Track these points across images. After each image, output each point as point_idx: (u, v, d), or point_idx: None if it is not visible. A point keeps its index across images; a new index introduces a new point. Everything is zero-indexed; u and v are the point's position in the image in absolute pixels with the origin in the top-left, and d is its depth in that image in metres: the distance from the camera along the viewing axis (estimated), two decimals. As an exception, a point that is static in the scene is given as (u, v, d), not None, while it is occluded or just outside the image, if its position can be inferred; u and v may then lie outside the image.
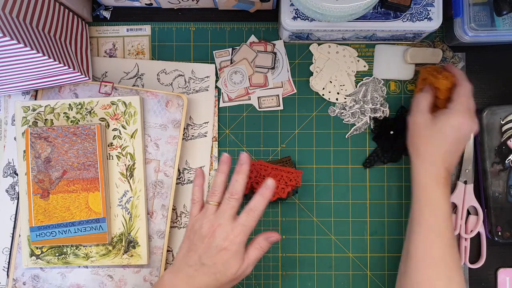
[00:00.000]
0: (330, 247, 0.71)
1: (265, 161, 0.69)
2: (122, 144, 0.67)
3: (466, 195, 0.71)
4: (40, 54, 0.57)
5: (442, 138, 0.61)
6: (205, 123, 0.71)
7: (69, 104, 0.67)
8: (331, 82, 0.72)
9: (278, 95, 0.72)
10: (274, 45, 0.72)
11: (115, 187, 0.67)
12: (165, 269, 0.69)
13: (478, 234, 0.71)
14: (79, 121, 0.67)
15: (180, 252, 0.59)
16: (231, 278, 0.56)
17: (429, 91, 0.65)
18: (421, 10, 0.63)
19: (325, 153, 0.72)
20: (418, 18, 0.63)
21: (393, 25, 0.63)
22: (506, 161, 0.69)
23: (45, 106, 0.67)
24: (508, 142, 0.69)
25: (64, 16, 0.65)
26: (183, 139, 0.70)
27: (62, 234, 0.65)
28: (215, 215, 0.58)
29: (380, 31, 0.65)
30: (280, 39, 0.72)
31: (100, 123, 0.67)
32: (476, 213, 0.71)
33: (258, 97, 0.72)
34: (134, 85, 0.71)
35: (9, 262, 0.69)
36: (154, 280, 0.68)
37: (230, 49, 0.72)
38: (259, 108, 0.72)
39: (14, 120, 0.70)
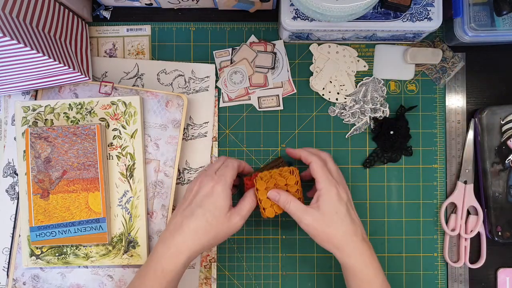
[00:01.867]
0: (330, 247, 0.71)
1: (257, 171, 0.66)
2: (122, 144, 0.67)
3: (466, 195, 0.71)
4: (40, 54, 0.57)
5: (340, 218, 0.59)
6: (205, 123, 0.71)
7: (69, 104, 0.67)
8: (331, 82, 0.72)
9: (278, 95, 0.72)
10: (274, 45, 0.72)
11: (115, 187, 0.67)
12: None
13: (478, 234, 0.71)
14: (79, 121, 0.67)
15: (176, 207, 0.63)
16: (221, 221, 0.59)
17: (285, 193, 0.61)
18: (421, 10, 0.63)
19: (325, 153, 0.72)
20: (418, 18, 0.63)
21: (393, 25, 0.63)
22: (506, 161, 0.69)
23: (45, 106, 0.67)
24: (508, 142, 0.69)
25: (64, 16, 0.65)
26: (183, 139, 0.70)
27: (62, 234, 0.65)
28: (201, 174, 0.63)
29: (380, 31, 0.65)
30: (280, 39, 0.72)
31: (100, 123, 0.67)
32: (476, 213, 0.71)
33: (258, 97, 0.72)
34: (134, 85, 0.71)
35: (9, 262, 0.69)
36: (154, 280, 0.68)
37: (230, 49, 0.72)
38: (259, 108, 0.72)
39: (14, 120, 0.70)
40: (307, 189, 0.69)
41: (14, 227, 0.69)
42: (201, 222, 0.58)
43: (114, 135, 0.67)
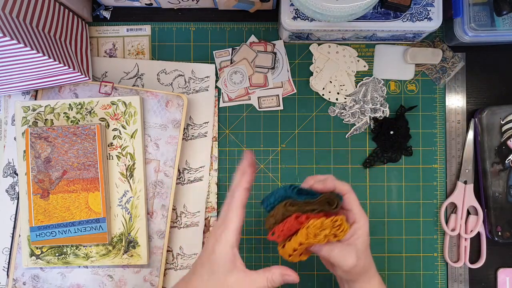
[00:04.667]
0: (330, 247, 0.71)
1: (303, 204, 0.52)
2: (122, 144, 0.67)
3: (466, 195, 0.71)
4: (40, 54, 0.57)
5: (368, 251, 0.56)
6: (205, 123, 0.71)
7: (69, 104, 0.67)
8: (331, 82, 0.72)
9: (278, 95, 0.72)
10: (274, 45, 0.72)
11: (115, 187, 0.67)
12: (165, 270, 0.69)
13: (478, 234, 0.71)
14: (79, 121, 0.67)
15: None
16: (221, 280, 0.50)
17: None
18: (421, 10, 0.63)
19: (325, 153, 0.72)
20: (418, 18, 0.63)
21: (393, 25, 0.63)
22: (506, 161, 0.69)
23: (45, 106, 0.67)
24: (508, 142, 0.69)
25: (64, 16, 0.65)
26: (183, 139, 0.70)
27: (62, 234, 0.65)
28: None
29: (380, 31, 0.65)
30: (280, 39, 0.72)
31: (100, 123, 0.67)
32: (476, 213, 0.71)
33: (258, 97, 0.72)
34: (134, 85, 0.71)
35: (9, 262, 0.69)
36: (154, 280, 0.68)
37: (230, 49, 0.72)
38: (259, 108, 0.72)
39: (14, 120, 0.70)
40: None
41: (14, 227, 0.69)
42: (201, 282, 0.51)
43: (114, 135, 0.67)
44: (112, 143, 0.67)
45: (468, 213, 0.71)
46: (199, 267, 0.51)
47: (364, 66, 0.72)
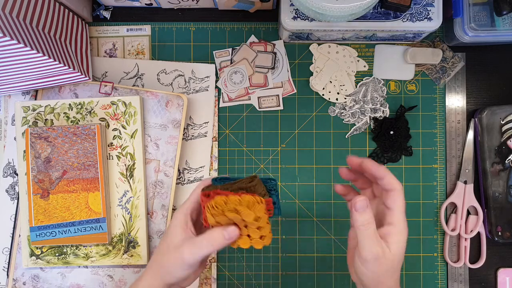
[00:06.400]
0: (330, 247, 0.71)
1: (221, 188, 0.49)
2: (122, 144, 0.67)
3: (466, 195, 0.71)
4: (40, 54, 0.57)
5: (400, 266, 0.50)
6: (205, 123, 0.71)
7: (69, 104, 0.67)
8: (331, 82, 0.72)
9: (278, 95, 0.72)
10: (274, 45, 0.72)
11: (115, 187, 0.67)
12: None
13: (478, 234, 0.71)
14: (79, 121, 0.67)
15: None
16: (172, 254, 0.50)
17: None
18: (421, 10, 0.63)
19: (325, 153, 0.72)
20: (418, 18, 0.63)
21: (393, 25, 0.63)
22: (506, 161, 0.69)
23: (45, 106, 0.67)
24: (508, 142, 0.69)
25: (64, 16, 0.65)
26: (183, 139, 0.70)
27: (62, 234, 0.65)
28: None
29: (380, 31, 0.65)
30: (280, 39, 0.72)
31: (100, 123, 0.67)
32: (476, 213, 0.71)
33: (258, 97, 0.72)
34: (134, 85, 0.71)
35: (9, 262, 0.69)
36: (154, 280, 0.68)
37: (230, 49, 0.72)
38: (259, 108, 0.72)
39: (14, 120, 0.70)
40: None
41: (14, 227, 0.69)
42: (156, 256, 0.53)
43: (114, 135, 0.67)
44: (112, 143, 0.67)
45: (468, 213, 0.71)
46: (156, 251, 0.53)
47: (364, 66, 0.72)
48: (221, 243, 0.49)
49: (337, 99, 0.72)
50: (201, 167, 0.71)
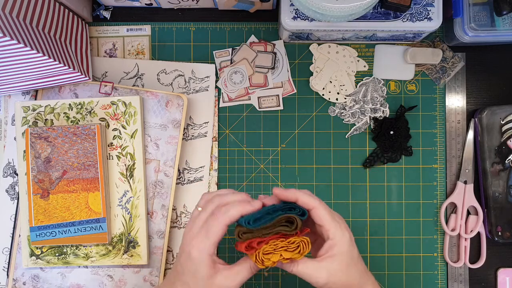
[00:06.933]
0: (330, 247, 0.71)
1: (260, 234, 0.49)
2: (122, 144, 0.67)
3: (466, 195, 0.71)
4: (40, 54, 0.57)
5: (354, 262, 0.52)
6: (205, 123, 0.71)
7: (69, 104, 0.67)
8: (331, 82, 0.72)
9: (278, 95, 0.72)
10: (274, 45, 0.72)
11: (115, 187, 0.67)
12: (165, 270, 0.69)
13: (478, 234, 0.71)
14: (79, 121, 0.67)
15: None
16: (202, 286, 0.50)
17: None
18: (421, 10, 0.63)
19: (325, 153, 0.72)
20: (418, 18, 0.63)
21: (393, 25, 0.63)
22: (506, 161, 0.69)
23: (45, 106, 0.67)
24: (508, 142, 0.69)
25: (64, 16, 0.65)
26: (183, 139, 0.70)
27: (62, 234, 0.65)
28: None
29: (380, 31, 0.65)
30: (280, 39, 0.72)
31: (100, 123, 0.67)
32: (476, 213, 0.71)
33: (258, 97, 0.72)
34: (134, 85, 0.71)
35: (9, 262, 0.69)
36: (154, 280, 0.68)
37: (230, 49, 0.72)
38: (259, 108, 0.72)
39: (14, 120, 0.70)
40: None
41: (14, 227, 0.69)
42: None
43: (114, 135, 0.67)
44: (112, 143, 0.67)
45: (468, 213, 0.71)
46: (180, 275, 0.52)
47: (364, 66, 0.72)
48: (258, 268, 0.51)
49: (337, 99, 0.72)
50: (201, 167, 0.71)
